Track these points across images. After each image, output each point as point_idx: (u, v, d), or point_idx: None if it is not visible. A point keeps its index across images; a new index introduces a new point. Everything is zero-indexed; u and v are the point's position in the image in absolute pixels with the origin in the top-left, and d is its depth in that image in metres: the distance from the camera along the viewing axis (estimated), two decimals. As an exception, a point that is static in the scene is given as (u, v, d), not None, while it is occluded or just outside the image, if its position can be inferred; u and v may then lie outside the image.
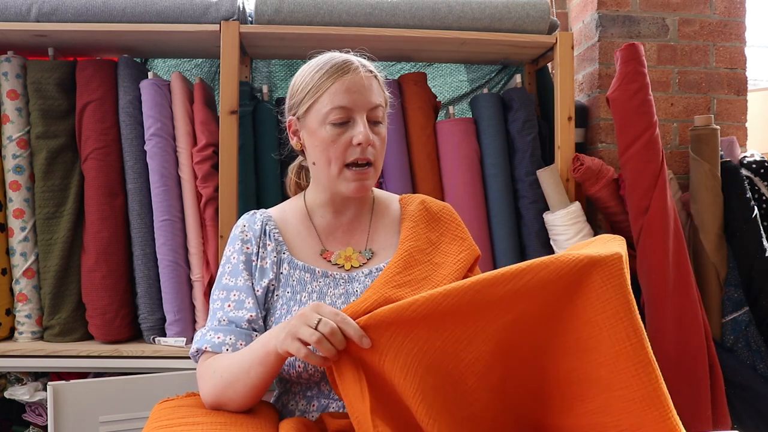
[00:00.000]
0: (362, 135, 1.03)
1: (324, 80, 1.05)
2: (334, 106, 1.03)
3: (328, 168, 1.06)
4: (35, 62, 1.81)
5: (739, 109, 2.10)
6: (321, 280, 1.07)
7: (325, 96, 1.04)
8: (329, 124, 1.04)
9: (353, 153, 1.04)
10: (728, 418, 1.70)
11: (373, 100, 1.05)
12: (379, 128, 1.08)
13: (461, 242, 1.13)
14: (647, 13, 2.04)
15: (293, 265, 1.08)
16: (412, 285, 0.99)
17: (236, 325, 1.02)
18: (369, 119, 1.05)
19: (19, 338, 1.81)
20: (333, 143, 1.04)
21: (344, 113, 1.04)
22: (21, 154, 1.81)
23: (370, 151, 1.05)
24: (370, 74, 1.07)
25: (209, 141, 1.80)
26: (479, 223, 1.87)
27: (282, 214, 1.15)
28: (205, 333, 1.03)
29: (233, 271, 1.07)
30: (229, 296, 1.05)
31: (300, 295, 1.06)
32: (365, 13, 1.79)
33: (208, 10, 1.75)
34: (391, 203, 1.19)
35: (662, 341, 1.69)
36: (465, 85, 2.19)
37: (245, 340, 1.01)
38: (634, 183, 1.73)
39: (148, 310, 1.81)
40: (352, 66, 1.05)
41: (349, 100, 1.03)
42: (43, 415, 1.79)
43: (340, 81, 1.04)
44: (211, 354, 1.01)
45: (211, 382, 0.97)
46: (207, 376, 0.99)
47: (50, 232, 1.79)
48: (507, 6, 1.84)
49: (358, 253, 1.11)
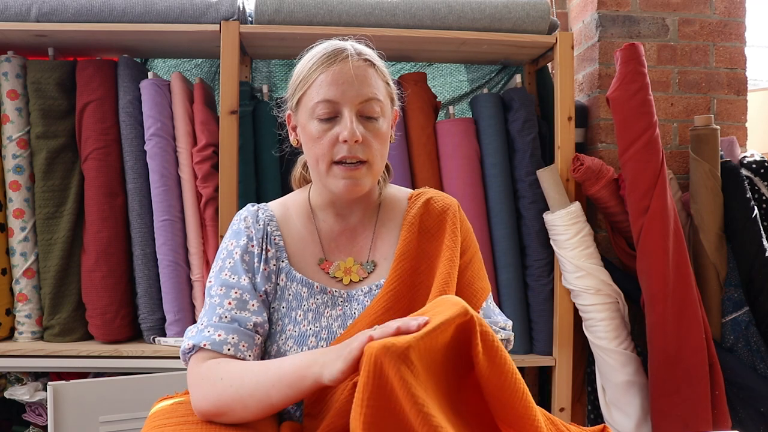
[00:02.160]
0: (347, 131, 0.93)
1: (313, 71, 0.97)
2: (319, 100, 0.95)
3: (317, 166, 0.98)
4: (35, 62, 1.81)
5: (739, 109, 2.10)
6: (318, 297, 1.00)
7: (312, 88, 0.97)
8: (316, 119, 0.96)
9: (340, 150, 0.95)
10: (728, 418, 1.70)
11: (364, 92, 0.96)
12: (374, 124, 0.98)
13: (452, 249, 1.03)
14: (647, 13, 2.04)
15: (291, 277, 1.01)
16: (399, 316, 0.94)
17: (239, 324, 0.94)
18: (361, 114, 0.97)
19: (19, 338, 1.81)
20: (319, 140, 0.96)
21: (330, 107, 0.95)
22: (21, 154, 1.81)
23: (359, 149, 0.95)
24: (364, 63, 0.97)
25: (209, 141, 1.80)
26: (479, 223, 1.87)
27: (284, 211, 1.07)
28: (202, 329, 0.94)
29: (235, 267, 0.99)
30: (229, 293, 0.96)
31: (295, 313, 0.99)
32: (365, 13, 1.79)
33: (208, 10, 1.75)
34: (399, 204, 1.09)
35: (662, 341, 1.69)
36: (465, 85, 2.19)
37: (248, 343, 0.93)
38: (634, 183, 1.73)
39: (148, 310, 1.81)
40: (342, 54, 0.96)
41: (335, 93, 0.95)
42: (43, 415, 1.79)
43: (327, 71, 0.95)
44: (209, 353, 0.92)
45: (213, 389, 0.87)
46: (208, 380, 0.89)
47: (50, 232, 1.79)
48: (507, 6, 1.84)
49: (359, 265, 1.04)
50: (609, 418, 1.82)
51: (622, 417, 1.78)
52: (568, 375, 1.85)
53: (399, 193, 1.11)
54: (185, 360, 0.96)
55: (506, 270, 1.88)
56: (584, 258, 1.78)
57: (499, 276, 1.89)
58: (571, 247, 1.78)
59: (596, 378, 1.85)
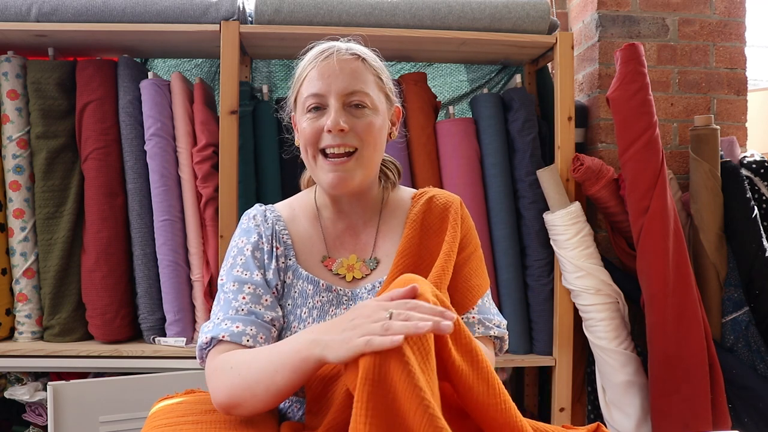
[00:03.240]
0: (330, 120, 0.97)
1: (305, 69, 1.02)
2: (308, 93, 1.00)
3: (307, 159, 1.02)
4: (35, 62, 1.81)
5: (739, 109, 2.10)
6: (324, 295, 1.02)
7: (303, 84, 1.01)
8: (306, 112, 1.01)
9: (325, 140, 0.99)
10: (728, 418, 1.70)
11: (351, 85, 0.99)
12: (363, 113, 0.99)
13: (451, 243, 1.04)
14: (647, 13, 2.04)
15: (297, 275, 1.02)
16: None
17: (256, 317, 0.95)
18: (348, 105, 0.99)
19: (19, 338, 1.81)
20: (305, 131, 1.00)
21: (317, 99, 0.99)
22: (21, 154, 1.81)
23: (348, 137, 0.98)
24: (351, 56, 1.01)
25: (209, 141, 1.80)
26: (479, 223, 1.87)
27: (291, 212, 1.09)
28: (218, 323, 0.94)
29: (247, 264, 1.01)
30: (242, 288, 0.98)
31: (300, 310, 1.01)
32: (365, 13, 1.79)
33: (208, 10, 1.75)
34: (403, 202, 1.11)
35: (662, 341, 1.69)
36: (465, 85, 2.19)
37: (266, 335, 0.95)
38: (634, 183, 1.73)
39: (148, 310, 1.81)
40: (330, 50, 1.00)
41: (321, 86, 0.98)
42: (43, 415, 1.79)
43: (316, 67, 1.00)
44: (228, 345, 0.93)
45: (225, 379, 0.88)
46: (221, 371, 0.89)
47: (50, 232, 1.79)
48: (507, 6, 1.84)
49: (362, 262, 1.05)
50: (609, 418, 1.82)
51: (622, 417, 1.78)
52: (568, 375, 1.85)
53: (403, 193, 1.13)
54: (202, 357, 0.96)
55: (506, 270, 1.88)
56: (584, 258, 1.78)
57: (499, 276, 1.89)
58: (571, 247, 1.78)
59: (596, 378, 1.85)
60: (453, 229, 1.04)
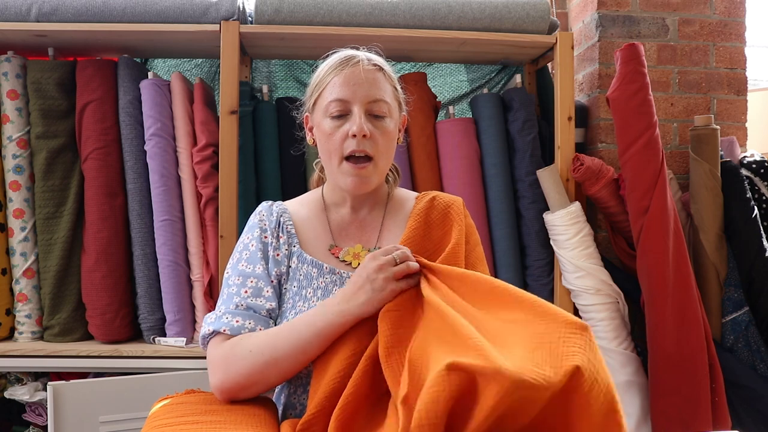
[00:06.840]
0: (356, 126, 1.03)
1: (327, 74, 1.07)
2: (332, 99, 1.05)
3: (330, 161, 1.08)
4: (35, 62, 1.81)
5: (739, 109, 2.10)
6: (327, 277, 1.07)
7: (326, 89, 1.07)
8: (329, 116, 1.06)
9: (350, 145, 1.05)
10: (728, 418, 1.70)
11: (372, 93, 1.06)
12: (381, 122, 1.07)
13: (458, 236, 1.10)
14: (647, 13, 2.04)
15: (302, 259, 1.08)
16: None
17: (254, 311, 1.03)
18: (369, 113, 1.06)
19: (19, 338, 1.81)
20: (332, 135, 1.06)
21: (342, 105, 1.05)
22: (21, 154, 1.81)
23: (367, 143, 1.05)
24: (373, 67, 1.07)
25: (209, 141, 1.80)
26: (479, 223, 1.87)
27: (298, 207, 1.16)
28: (220, 316, 1.02)
29: (251, 258, 1.07)
30: (245, 282, 1.05)
31: (306, 291, 1.06)
32: (365, 13, 1.79)
33: (208, 10, 1.75)
34: (407, 201, 1.18)
35: (662, 341, 1.69)
36: (465, 85, 2.19)
37: (263, 327, 1.02)
38: (634, 183, 1.73)
39: (148, 310, 1.81)
40: (353, 60, 1.06)
41: (346, 92, 1.05)
42: (43, 415, 1.79)
43: (340, 74, 1.06)
44: (228, 338, 1.00)
45: (244, 362, 0.96)
46: (235, 356, 0.97)
47: (50, 232, 1.79)
48: (507, 6, 1.84)
49: (367, 251, 1.11)
50: (609, 418, 1.81)
51: (622, 417, 1.78)
52: (568, 375, 1.85)
53: (407, 194, 1.21)
54: (204, 344, 1.04)
55: (506, 270, 1.88)
56: (584, 258, 1.78)
57: (499, 276, 1.88)
58: (571, 247, 1.78)
59: (596, 378, 1.85)
60: (458, 224, 1.10)
